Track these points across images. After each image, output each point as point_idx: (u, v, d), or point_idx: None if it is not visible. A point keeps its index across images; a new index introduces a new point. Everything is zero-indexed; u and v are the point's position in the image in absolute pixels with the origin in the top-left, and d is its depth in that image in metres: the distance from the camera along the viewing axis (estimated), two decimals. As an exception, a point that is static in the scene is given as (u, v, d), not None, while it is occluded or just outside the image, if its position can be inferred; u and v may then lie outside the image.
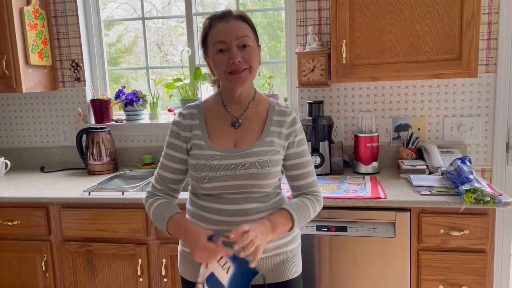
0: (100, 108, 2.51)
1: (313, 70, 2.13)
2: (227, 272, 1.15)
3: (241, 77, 1.25)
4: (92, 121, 2.59)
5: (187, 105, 1.39)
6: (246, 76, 1.26)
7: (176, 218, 1.27)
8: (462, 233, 1.64)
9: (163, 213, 1.28)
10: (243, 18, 1.27)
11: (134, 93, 2.49)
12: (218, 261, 1.16)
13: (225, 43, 1.23)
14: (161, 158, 1.37)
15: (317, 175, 2.05)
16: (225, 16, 1.26)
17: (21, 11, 2.23)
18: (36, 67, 2.37)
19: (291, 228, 1.28)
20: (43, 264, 1.98)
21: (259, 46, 1.32)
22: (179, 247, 1.40)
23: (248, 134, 1.30)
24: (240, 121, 1.32)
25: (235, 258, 1.15)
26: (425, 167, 2.00)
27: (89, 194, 1.91)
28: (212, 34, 1.26)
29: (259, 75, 1.38)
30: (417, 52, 1.87)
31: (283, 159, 1.34)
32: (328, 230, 1.72)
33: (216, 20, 1.26)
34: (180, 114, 1.36)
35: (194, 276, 1.29)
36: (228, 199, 1.27)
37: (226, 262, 1.16)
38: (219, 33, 1.24)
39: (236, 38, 1.23)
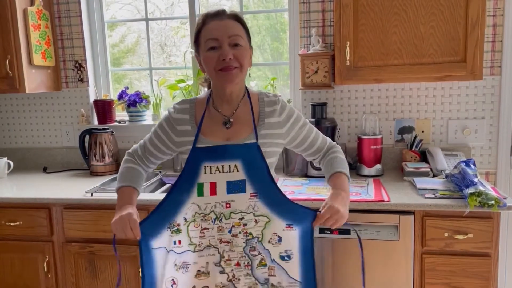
0: (103, 108, 2.51)
1: (316, 71, 2.13)
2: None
3: (231, 74, 1.25)
4: (95, 121, 2.59)
5: (182, 99, 1.41)
6: (236, 74, 1.25)
7: (129, 189, 1.37)
8: (466, 236, 1.63)
9: (126, 177, 1.41)
10: (237, 18, 1.29)
11: (137, 94, 2.49)
12: None
13: (217, 40, 1.23)
14: (150, 134, 1.42)
15: (320, 177, 2.05)
16: (219, 14, 1.27)
17: (24, 12, 2.23)
18: (40, 68, 2.37)
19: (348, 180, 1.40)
20: (45, 265, 1.98)
21: (251, 47, 1.33)
22: None
23: (241, 131, 1.31)
24: (231, 120, 1.32)
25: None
26: (429, 169, 1.99)
27: (92, 195, 1.91)
28: (205, 31, 1.27)
29: (249, 76, 1.40)
30: (421, 54, 1.86)
31: (289, 143, 1.40)
32: (331, 233, 1.71)
33: (209, 17, 1.27)
34: (173, 107, 1.38)
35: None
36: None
37: None
38: (211, 30, 1.25)
39: (228, 36, 1.23)
